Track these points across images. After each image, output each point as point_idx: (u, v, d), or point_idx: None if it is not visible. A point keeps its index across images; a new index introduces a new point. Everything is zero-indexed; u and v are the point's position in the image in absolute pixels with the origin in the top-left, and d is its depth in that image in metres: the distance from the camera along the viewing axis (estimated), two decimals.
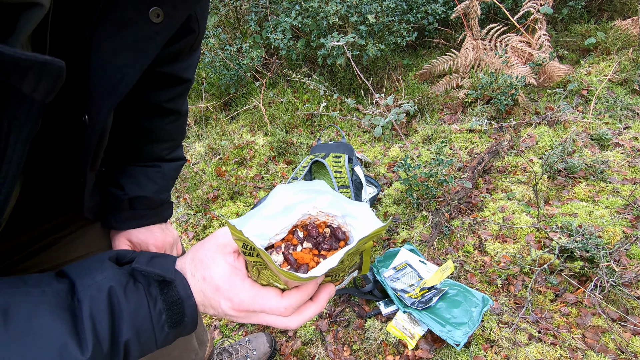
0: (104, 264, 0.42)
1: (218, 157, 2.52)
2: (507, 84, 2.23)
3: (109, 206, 0.75)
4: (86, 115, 0.52)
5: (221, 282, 0.43)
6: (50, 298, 0.37)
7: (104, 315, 0.38)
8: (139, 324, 0.40)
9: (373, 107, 2.54)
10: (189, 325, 0.45)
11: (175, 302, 0.43)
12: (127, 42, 0.46)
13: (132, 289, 0.41)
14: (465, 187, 1.83)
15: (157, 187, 0.76)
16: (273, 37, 2.71)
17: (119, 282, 0.41)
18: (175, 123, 0.76)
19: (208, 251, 0.46)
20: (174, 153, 0.80)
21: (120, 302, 0.40)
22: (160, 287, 0.43)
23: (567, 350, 1.20)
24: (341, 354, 1.34)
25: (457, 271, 1.52)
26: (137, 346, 0.40)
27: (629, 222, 1.55)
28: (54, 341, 0.34)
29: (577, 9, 2.82)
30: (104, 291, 0.39)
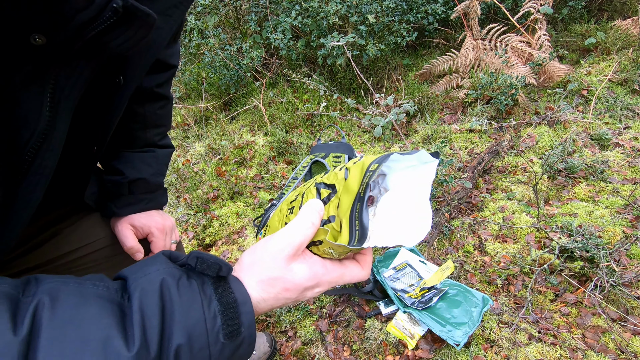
0: (157, 258, 0.41)
1: (218, 157, 2.52)
2: (507, 84, 2.23)
3: (108, 195, 0.79)
4: (121, 77, 0.55)
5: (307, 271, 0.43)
6: (101, 290, 0.35)
7: (154, 310, 0.35)
8: (192, 326, 0.36)
9: (373, 107, 2.54)
10: (246, 342, 0.39)
11: (231, 304, 0.39)
12: (159, 8, 0.51)
13: (186, 284, 0.38)
14: (465, 187, 1.83)
15: (152, 170, 0.82)
16: (273, 37, 2.71)
17: (172, 275, 0.38)
18: (165, 108, 0.84)
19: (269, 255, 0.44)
20: (164, 140, 0.87)
21: (172, 297, 0.36)
22: (215, 287, 0.39)
23: (567, 350, 1.20)
24: (341, 354, 1.34)
25: (457, 271, 1.52)
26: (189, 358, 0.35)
27: (629, 222, 1.55)
28: (97, 333, 0.32)
29: (577, 9, 2.82)
30: (156, 283, 0.37)
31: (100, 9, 0.36)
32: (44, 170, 0.46)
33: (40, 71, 0.39)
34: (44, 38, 0.36)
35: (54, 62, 0.40)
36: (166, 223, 0.84)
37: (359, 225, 0.38)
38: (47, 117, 0.42)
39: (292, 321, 1.46)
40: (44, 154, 0.44)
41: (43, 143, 0.43)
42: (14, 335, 0.29)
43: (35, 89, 0.40)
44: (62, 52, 0.39)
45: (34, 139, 0.42)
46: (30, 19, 0.35)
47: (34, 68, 0.38)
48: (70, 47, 0.39)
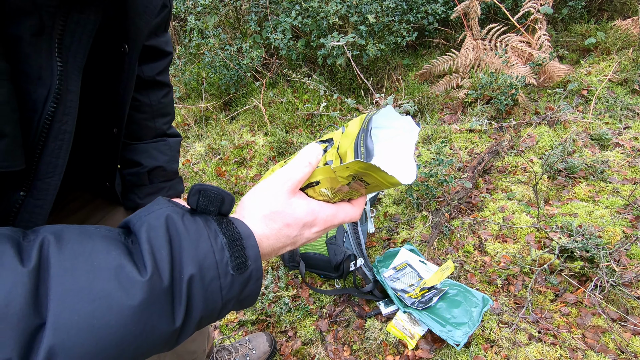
0: (159, 200, 0.40)
1: (218, 157, 2.52)
2: (507, 84, 2.23)
3: (130, 187, 0.84)
4: (125, 45, 0.57)
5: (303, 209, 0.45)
6: (103, 231, 0.35)
7: (162, 242, 0.34)
8: (202, 257, 0.35)
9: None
10: (253, 276, 0.39)
11: (236, 238, 0.38)
12: None
13: (190, 220, 0.38)
14: (465, 187, 1.83)
15: (167, 157, 0.87)
16: (273, 37, 2.71)
17: (176, 212, 0.38)
18: (168, 96, 0.88)
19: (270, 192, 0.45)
20: (172, 129, 0.91)
21: (179, 230, 0.36)
22: (219, 222, 0.39)
23: (567, 350, 1.20)
24: (341, 354, 1.34)
25: (457, 271, 1.52)
26: (202, 289, 0.35)
27: (629, 222, 1.55)
28: (108, 262, 0.31)
29: (577, 9, 2.82)
30: (162, 218, 0.36)
31: None
32: (64, 135, 0.46)
33: (44, 25, 0.39)
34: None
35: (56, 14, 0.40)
36: None
37: (364, 150, 0.41)
38: (58, 77, 0.42)
39: (292, 321, 1.46)
40: (62, 117, 0.45)
41: (59, 105, 0.44)
42: (22, 267, 0.28)
43: (43, 45, 0.40)
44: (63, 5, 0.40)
45: (50, 99, 0.42)
46: None
47: (38, 21, 0.39)
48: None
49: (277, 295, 1.57)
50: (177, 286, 0.33)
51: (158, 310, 0.32)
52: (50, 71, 0.42)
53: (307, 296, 1.54)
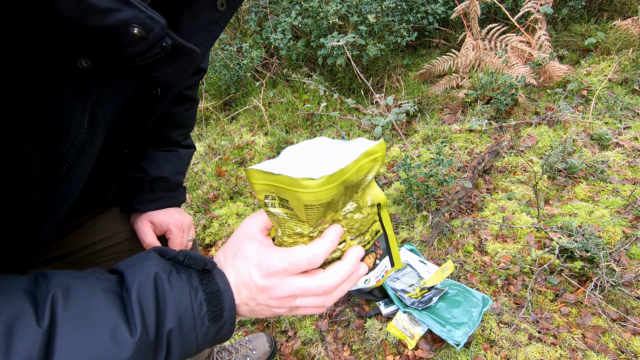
0: (150, 254, 0.45)
1: (218, 157, 2.52)
2: (507, 84, 2.23)
3: (130, 190, 0.82)
4: (158, 89, 0.58)
5: (251, 254, 0.44)
6: (104, 284, 0.40)
7: (150, 300, 0.39)
8: (182, 313, 0.41)
9: (373, 107, 2.54)
10: (227, 323, 0.45)
11: (215, 293, 0.43)
12: (201, 24, 0.53)
13: (176, 277, 0.42)
14: (465, 187, 1.83)
15: (174, 169, 0.85)
16: (273, 37, 2.71)
17: (164, 270, 0.42)
18: (191, 110, 0.87)
19: (237, 235, 0.48)
20: (187, 140, 0.90)
21: (165, 289, 0.41)
22: (201, 278, 0.44)
23: (567, 350, 1.20)
24: (341, 354, 1.34)
25: (457, 271, 1.52)
26: (180, 339, 0.41)
27: (629, 222, 1.55)
28: (106, 321, 0.37)
29: (577, 9, 2.82)
30: (151, 276, 0.41)
31: (150, 45, 0.39)
32: (77, 182, 0.49)
33: (83, 88, 0.42)
34: (89, 62, 0.40)
35: (98, 81, 0.43)
36: (184, 220, 0.88)
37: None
38: (86, 130, 0.45)
39: (292, 321, 1.46)
40: (80, 167, 0.47)
41: (80, 155, 0.46)
42: (39, 327, 0.33)
43: (79, 103, 0.43)
44: (106, 74, 0.43)
45: (73, 150, 0.45)
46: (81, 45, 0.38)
47: (80, 86, 0.42)
48: (114, 71, 0.43)
49: None
50: (159, 338, 0.40)
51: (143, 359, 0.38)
52: (78, 126, 0.44)
53: None
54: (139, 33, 0.37)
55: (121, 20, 0.35)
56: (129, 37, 0.37)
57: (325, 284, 0.44)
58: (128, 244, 0.82)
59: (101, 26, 0.35)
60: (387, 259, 0.53)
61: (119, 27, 0.36)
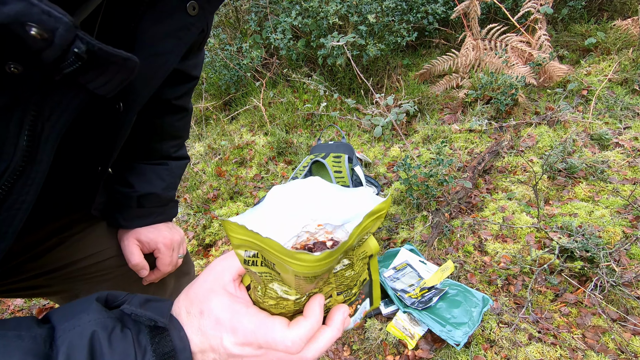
0: (90, 305, 0.38)
1: (218, 157, 2.52)
2: (507, 84, 2.23)
3: (116, 205, 0.75)
4: (121, 103, 0.52)
5: (222, 313, 0.37)
6: (26, 343, 0.33)
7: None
8: None
9: (373, 107, 2.54)
10: None
11: (168, 354, 0.37)
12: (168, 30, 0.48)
13: (119, 336, 0.36)
14: (465, 187, 1.83)
15: (165, 184, 0.78)
16: (273, 37, 2.71)
17: (104, 327, 0.36)
18: (183, 120, 0.79)
19: (204, 282, 0.40)
20: (180, 151, 0.83)
21: (104, 351, 0.34)
22: (152, 335, 0.37)
23: (567, 350, 1.20)
24: (341, 354, 1.34)
25: (457, 271, 1.52)
26: None
27: (629, 222, 1.55)
28: None
29: (577, 9, 2.82)
30: (86, 337, 0.34)
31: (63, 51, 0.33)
32: (22, 205, 0.42)
33: (18, 99, 0.35)
34: (20, 67, 0.33)
35: (37, 90, 0.36)
36: (174, 237, 0.81)
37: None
38: (24, 150, 0.38)
39: None
40: (21, 189, 0.40)
41: (20, 177, 0.39)
42: None
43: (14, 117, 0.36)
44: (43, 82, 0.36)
45: (8, 173, 0.38)
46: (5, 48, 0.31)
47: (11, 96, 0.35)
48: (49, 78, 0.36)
49: None
50: None
51: None
52: (14, 145, 0.37)
53: None
54: (38, 34, 0.30)
55: (9, 17, 0.28)
56: (30, 39, 0.30)
57: (309, 355, 0.37)
58: (116, 261, 0.76)
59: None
60: (368, 301, 0.49)
61: (13, 26, 0.29)
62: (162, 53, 0.51)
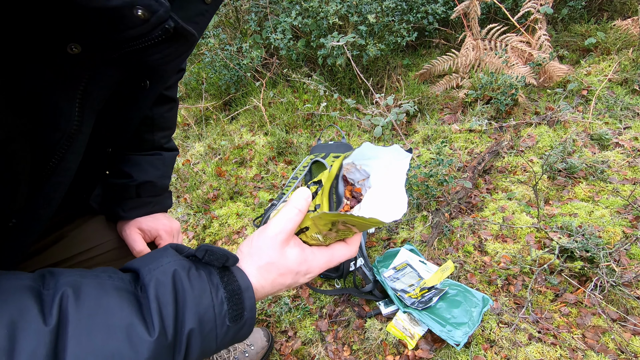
0: (166, 251, 0.43)
1: (218, 157, 2.52)
2: (507, 84, 2.23)
3: (114, 198, 0.79)
4: (147, 81, 0.56)
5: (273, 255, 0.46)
6: (117, 282, 0.38)
7: (168, 298, 0.38)
8: (202, 312, 0.39)
9: (373, 107, 2.54)
10: (247, 323, 0.43)
11: (236, 291, 0.42)
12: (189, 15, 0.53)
13: (195, 275, 0.41)
14: (465, 187, 1.83)
15: (159, 172, 0.83)
16: (273, 37, 2.71)
17: (183, 267, 0.41)
18: (172, 111, 0.85)
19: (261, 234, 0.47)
20: (170, 143, 0.88)
21: (185, 287, 0.39)
22: (221, 276, 0.42)
23: (567, 350, 1.20)
24: (341, 354, 1.34)
25: (457, 271, 1.52)
26: (199, 340, 0.39)
27: (629, 222, 1.55)
28: (121, 321, 0.35)
29: (577, 9, 2.82)
30: (169, 274, 0.39)
31: (152, 28, 0.38)
32: (67, 172, 0.47)
33: (72, 76, 0.40)
34: (80, 47, 0.37)
35: (87, 68, 0.41)
36: (173, 225, 0.86)
37: (335, 197, 0.44)
38: (76, 120, 0.43)
39: (292, 321, 1.46)
40: (70, 156, 0.45)
41: (70, 145, 0.44)
42: (45, 325, 0.31)
43: (68, 93, 0.41)
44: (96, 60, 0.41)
45: (63, 141, 0.43)
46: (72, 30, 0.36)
47: (69, 74, 0.39)
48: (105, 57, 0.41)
49: (277, 295, 1.57)
50: (178, 339, 0.38)
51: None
52: (68, 117, 0.42)
53: (307, 296, 1.54)
54: (142, 15, 0.36)
55: (126, 2, 0.34)
56: (132, 19, 0.36)
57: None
58: (115, 253, 0.80)
59: (104, 7, 0.33)
60: None
61: (123, 9, 0.34)
62: None
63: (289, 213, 0.46)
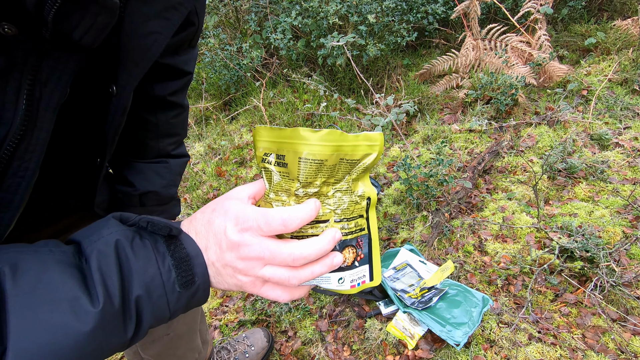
0: (108, 221, 0.41)
1: (218, 157, 2.52)
2: (507, 84, 2.23)
3: (118, 205, 0.76)
4: (114, 86, 0.53)
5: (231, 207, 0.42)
6: (58, 256, 0.36)
7: (112, 268, 0.36)
8: (149, 280, 0.38)
9: (373, 107, 2.54)
10: (201, 288, 0.42)
11: (184, 259, 0.41)
12: (157, 9, 0.50)
13: (139, 244, 0.40)
14: (465, 187, 1.83)
15: (165, 181, 0.79)
16: (273, 37, 2.71)
17: (125, 237, 0.39)
18: (179, 117, 0.80)
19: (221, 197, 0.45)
20: (178, 149, 0.83)
21: (129, 256, 0.38)
22: (167, 244, 0.41)
23: (567, 350, 1.20)
24: (341, 354, 1.34)
25: (457, 271, 1.52)
26: (149, 306, 0.38)
27: (629, 222, 1.55)
28: (64, 294, 0.34)
29: (577, 9, 2.82)
30: (111, 245, 0.38)
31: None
32: (25, 172, 0.44)
33: (15, 63, 0.37)
34: (14, 28, 0.35)
35: (32, 52, 0.38)
36: None
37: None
38: (24, 113, 0.39)
39: (292, 321, 1.46)
40: (24, 155, 0.42)
41: (21, 142, 0.41)
42: None
43: (10, 81, 0.38)
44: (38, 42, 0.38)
45: (10, 137, 0.40)
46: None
47: (7, 59, 0.37)
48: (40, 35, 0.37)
49: None
50: (126, 306, 0.37)
51: (110, 330, 0.36)
52: (13, 109, 0.39)
53: (307, 296, 1.54)
54: None
55: None
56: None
57: (296, 252, 0.40)
58: None
59: None
60: (367, 268, 0.52)
61: None
62: (151, 33, 0.53)
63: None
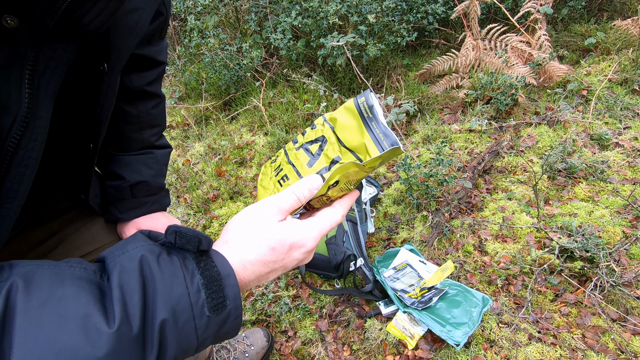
0: (135, 236, 0.39)
1: (218, 157, 2.52)
2: (507, 84, 2.23)
3: (110, 200, 0.78)
4: (105, 64, 0.54)
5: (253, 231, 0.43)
6: (77, 272, 0.34)
7: (134, 286, 0.33)
8: (175, 301, 0.35)
9: None
10: (232, 315, 0.38)
11: (214, 277, 0.38)
12: None
13: (166, 260, 0.37)
14: (465, 187, 1.83)
15: (153, 171, 0.81)
16: (273, 37, 2.71)
17: (152, 252, 0.37)
18: (158, 107, 0.83)
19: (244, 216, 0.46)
20: (161, 140, 0.86)
21: (154, 273, 0.35)
22: (197, 261, 0.38)
23: (567, 350, 1.20)
24: (341, 354, 1.34)
25: (457, 271, 1.52)
26: (175, 332, 0.34)
27: (629, 222, 1.55)
28: (75, 311, 0.31)
29: (577, 9, 2.82)
30: (136, 260, 0.35)
31: None
32: (29, 161, 0.44)
33: (16, 54, 0.37)
34: (16, 20, 0.34)
35: (31, 44, 0.38)
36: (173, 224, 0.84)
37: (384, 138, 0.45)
38: (27, 103, 0.40)
39: (292, 321, 1.46)
40: (27, 144, 0.42)
41: (25, 131, 0.41)
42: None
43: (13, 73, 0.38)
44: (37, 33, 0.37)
45: (15, 127, 0.40)
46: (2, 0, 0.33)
47: (10, 51, 0.37)
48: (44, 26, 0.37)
49: (277, 295, 1.57)
50: (148, 331, 0.33)
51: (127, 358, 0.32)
52: (18, 100, 0.39)
53: (307, 296, 1.54)
54: None
55: None
56: None
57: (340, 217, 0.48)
58: None
59: None
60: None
61: None
62: (136, 8, 0.56)
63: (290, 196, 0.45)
